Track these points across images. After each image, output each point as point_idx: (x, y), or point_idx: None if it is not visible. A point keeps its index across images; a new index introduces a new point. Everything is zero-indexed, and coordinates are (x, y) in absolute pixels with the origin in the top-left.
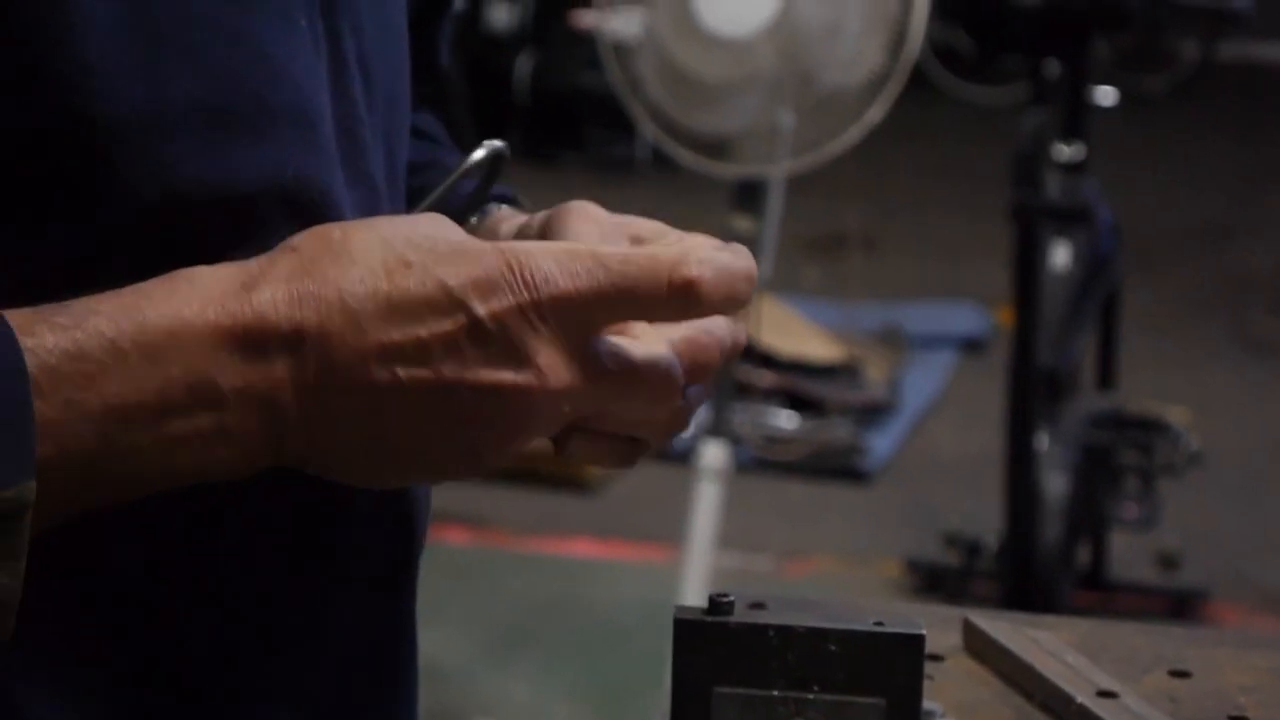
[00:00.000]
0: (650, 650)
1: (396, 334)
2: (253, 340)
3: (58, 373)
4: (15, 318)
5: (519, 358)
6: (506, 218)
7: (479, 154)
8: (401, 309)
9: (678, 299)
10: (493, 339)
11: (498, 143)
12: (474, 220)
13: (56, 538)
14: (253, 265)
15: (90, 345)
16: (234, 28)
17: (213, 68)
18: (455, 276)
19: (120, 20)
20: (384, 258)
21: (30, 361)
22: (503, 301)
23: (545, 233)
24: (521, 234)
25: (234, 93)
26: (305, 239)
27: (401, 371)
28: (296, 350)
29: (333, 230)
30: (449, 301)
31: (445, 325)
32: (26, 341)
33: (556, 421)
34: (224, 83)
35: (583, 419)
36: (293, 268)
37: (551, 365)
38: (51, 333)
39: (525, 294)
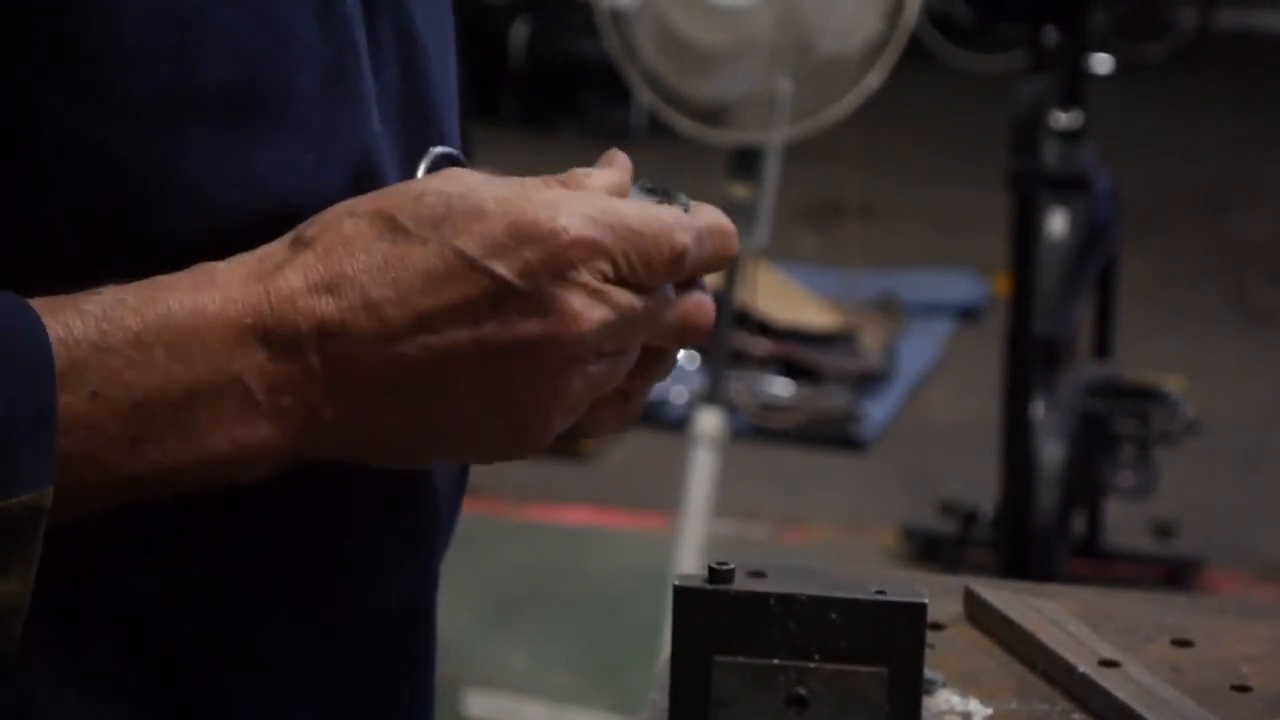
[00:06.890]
0: (647, 618)
1: (418, 309)
2: (276, 335)
3: (84, 365)
4: (44, 305)
5: (544, 308)
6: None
7: (423, 165)
8: (419, 285)
9: (672, 263)
10: (515, 294)
11: (444, 151)
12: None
13: (70, 534)
14: (269, 257)
15: (116, 338)
16: (265, 7)
17: (241, 50)
18: (471, 243)
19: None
20: (394, 238)
21: (59, 353)
22: (522, 259)
23: None
24: None
25: (261, 77)
26: (317, 229)
27: (429, 341)
28: (319, 342)
29: (342, 218)
30: (468, 268)
31: (466, 291)
32: (56, 331)
33: (589, 380)
34: (251, 66)
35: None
36: (307, 260)
37: (578, 309)
38: (80, 320)
39: (544, 247)
